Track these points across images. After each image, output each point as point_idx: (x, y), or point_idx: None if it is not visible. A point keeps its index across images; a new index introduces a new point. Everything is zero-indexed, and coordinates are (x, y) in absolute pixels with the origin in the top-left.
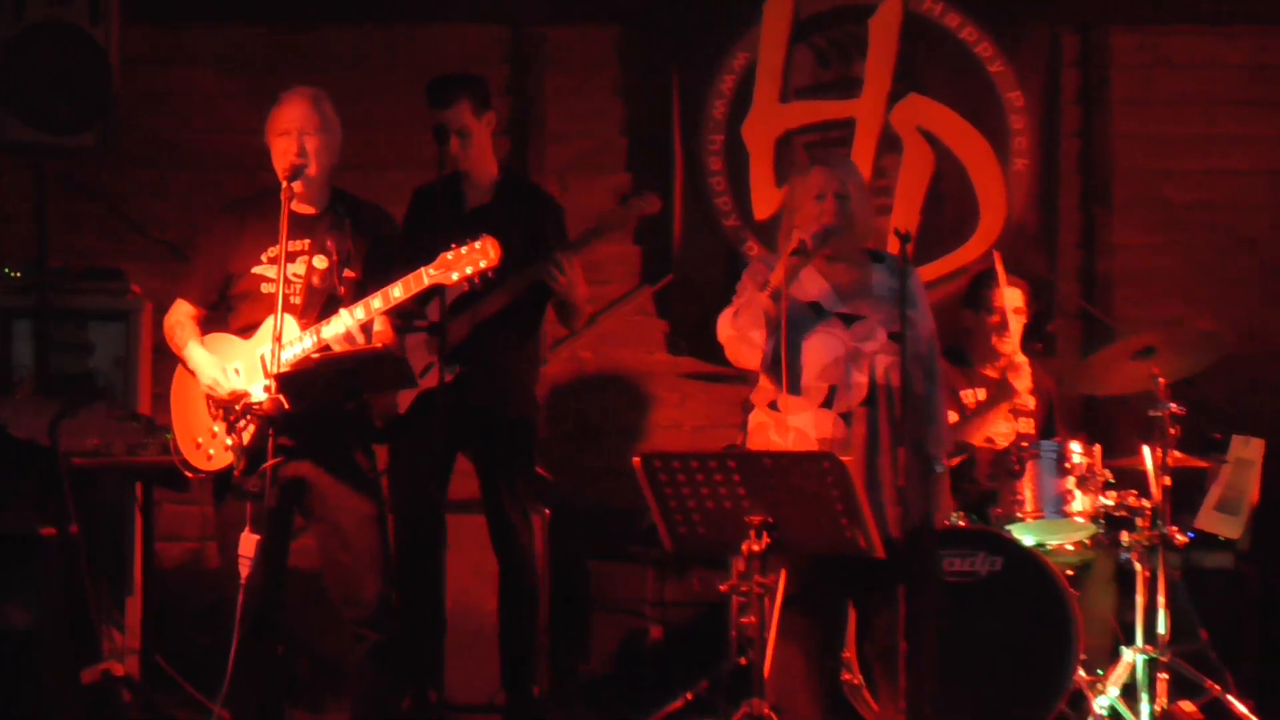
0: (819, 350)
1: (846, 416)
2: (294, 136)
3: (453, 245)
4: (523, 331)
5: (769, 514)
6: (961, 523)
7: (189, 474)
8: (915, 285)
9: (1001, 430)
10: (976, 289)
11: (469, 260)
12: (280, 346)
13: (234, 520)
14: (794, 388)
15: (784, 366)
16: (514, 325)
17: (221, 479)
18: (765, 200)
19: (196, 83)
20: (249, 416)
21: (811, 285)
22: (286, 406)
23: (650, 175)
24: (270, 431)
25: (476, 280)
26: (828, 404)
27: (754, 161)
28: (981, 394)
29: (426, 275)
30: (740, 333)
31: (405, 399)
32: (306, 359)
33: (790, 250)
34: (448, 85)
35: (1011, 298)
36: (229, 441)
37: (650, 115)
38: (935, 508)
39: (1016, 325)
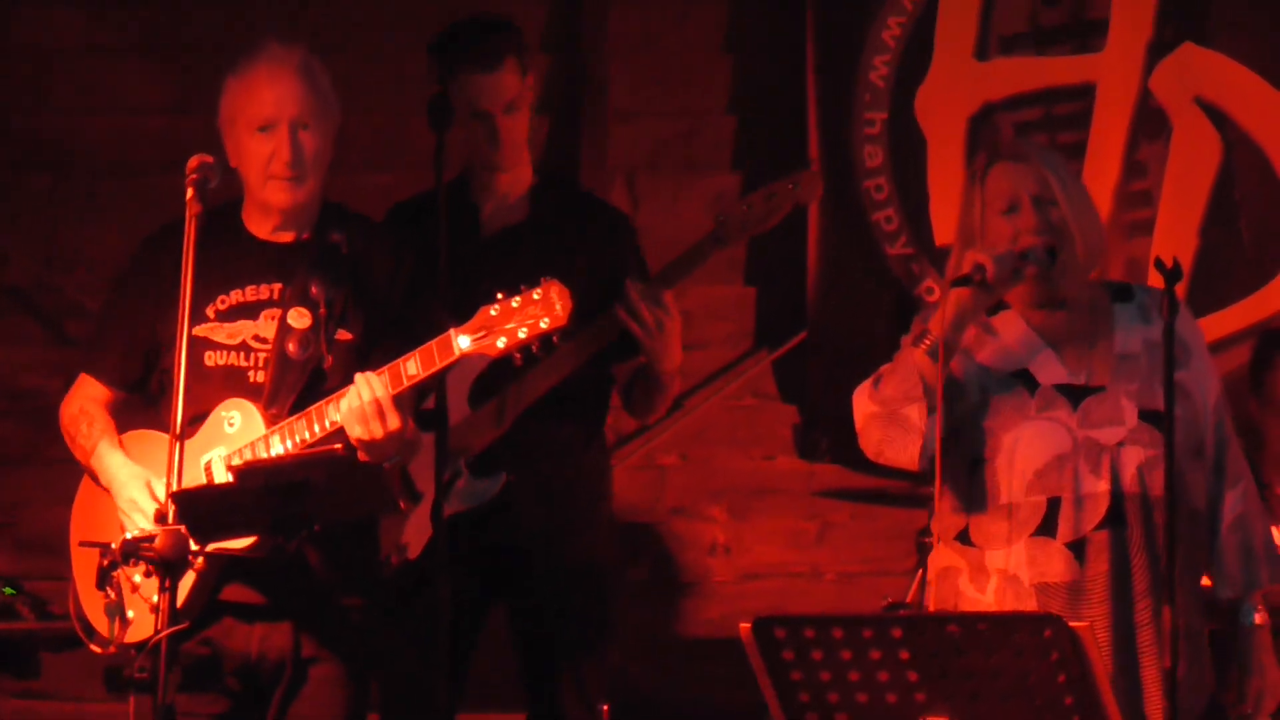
0: (1030, 444)
1: (1078, 548)
2: (282, 129)
3: (499, 296)
4: (589, 421)
5: (956, 714)
6: None
7: (95, 647)
8: (1188, 333)
9: None
10: (1257, 364)
11: (524, 318)
12: (180, 454)
13: None
14: (982, 501)
15: (938, 464)
16: (575, 413)
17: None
18: (953, 214)
19: (59, 32)
20: (146, 563)
21: (1012, 339)
22: (193, 546)
23: (771, 175)
24: (166, 584)
25: (535, 348)
26: (1046, 529)
27: (934, 152)
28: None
29: (458, 342)
30: (886, 408)
31: (417, 537)
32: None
33: (957, 276)
34: (488, 35)
35: None
36: (156, 598)
37: (772, 80)
38: (1246, 691)
39: None
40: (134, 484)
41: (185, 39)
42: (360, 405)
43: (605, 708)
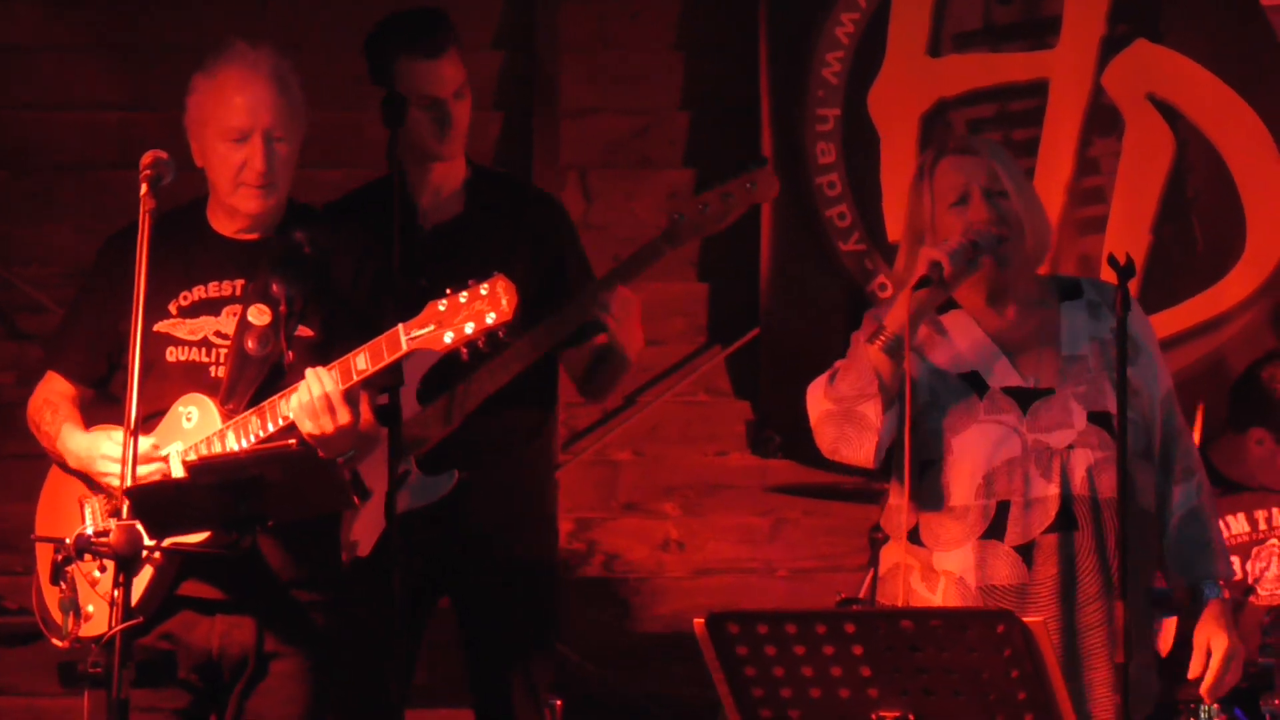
0: (978, 447)
1: (1026, 550)
2: (256, 140)
3: (447, 291)
4: (538, 413)
5: (909, 709)
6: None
7: (54, 640)
8: (1138, 328)
9: (1274, 573)
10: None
11: (470, 314)
12: (133, 445)
13: None
14: (932, 503)
15: (907, 467)
16: (525, 406)
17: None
18: (905, 210)
19: (14, 28)
20: (100, 558)
21: (963, 341)
22: (147, 540)
23: (724, 171)
24: (120, 579)
25: (482, 344)
26: (995, 532)
27: (887, 148)
28: (1237, 523)
29: (405, 337)
30: (841, 405)
31: (367, 534)
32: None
33: (915, 279)
34: (434, 23)
35: None
36: (118, 593)
37: (724, 76)
38: (1214, 662)
39: None
40: (103, 442)
41: (142, 36)
42: (310, 400)
43: (559, 703)
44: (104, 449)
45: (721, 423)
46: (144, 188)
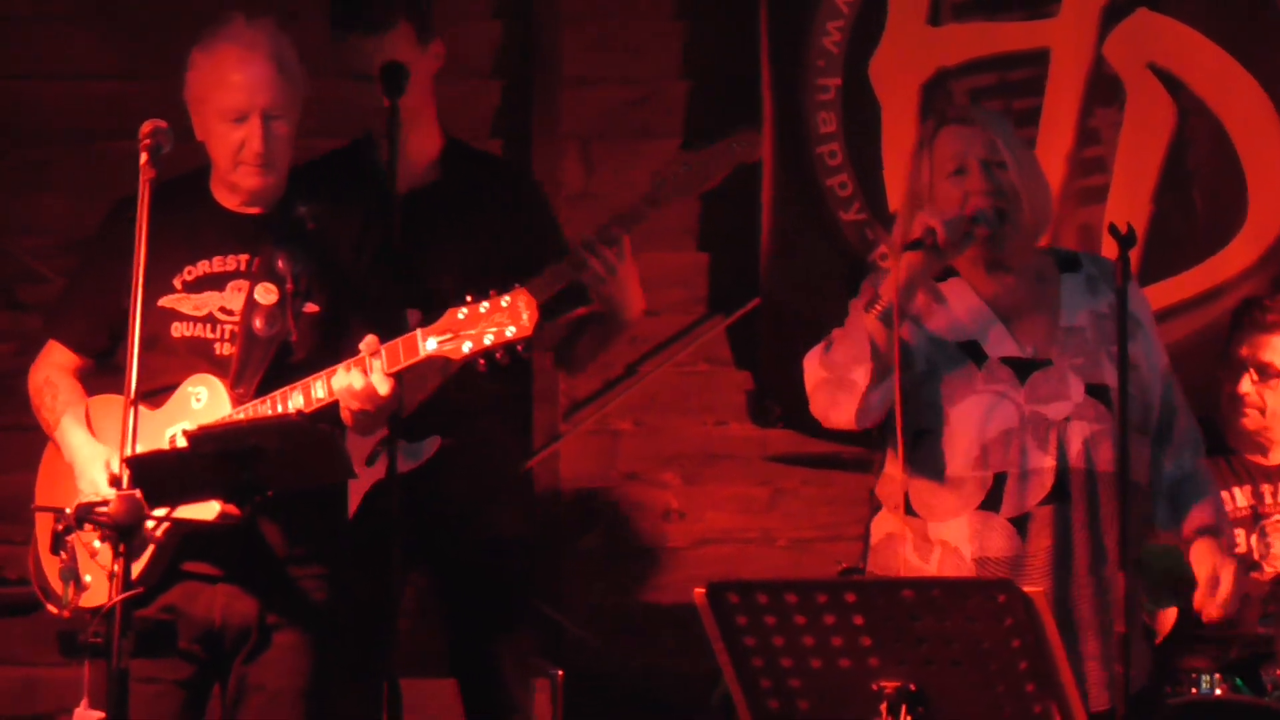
0: (976, 417)
1: (1021, 522)
2: (254, 120)
3: (468, 299)
4: (509, 382)
5: (910, 678)
6: (1218, 689)
7: (52, 608)
8: (1136, 306)
9: (1278, 549)
10: (1231, 326)
11: (491, 324)
12: (135, 420)
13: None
14: (927, 472)
15: (899, 434)
16: (499, 373)
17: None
18: (906, 180)
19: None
20: (101, 528)
21: (961, 307)
22: (146, 511)
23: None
24: (122, 549)
25: (499, 355)
26: (991, 503)
27: (888, 118)
28: (1243, 495)
29: (425, 344)
30: (834, 373)
31: (351, 499)
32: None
33: (909, 241)
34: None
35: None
36: (118, 567)
37: (724, 46)
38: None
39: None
40: (94, 464)
41: (136, 4)
42: (342, 388)
43: (560, 673)
44: (93, 474)
45: (722, 393)
46: (144, 157)
